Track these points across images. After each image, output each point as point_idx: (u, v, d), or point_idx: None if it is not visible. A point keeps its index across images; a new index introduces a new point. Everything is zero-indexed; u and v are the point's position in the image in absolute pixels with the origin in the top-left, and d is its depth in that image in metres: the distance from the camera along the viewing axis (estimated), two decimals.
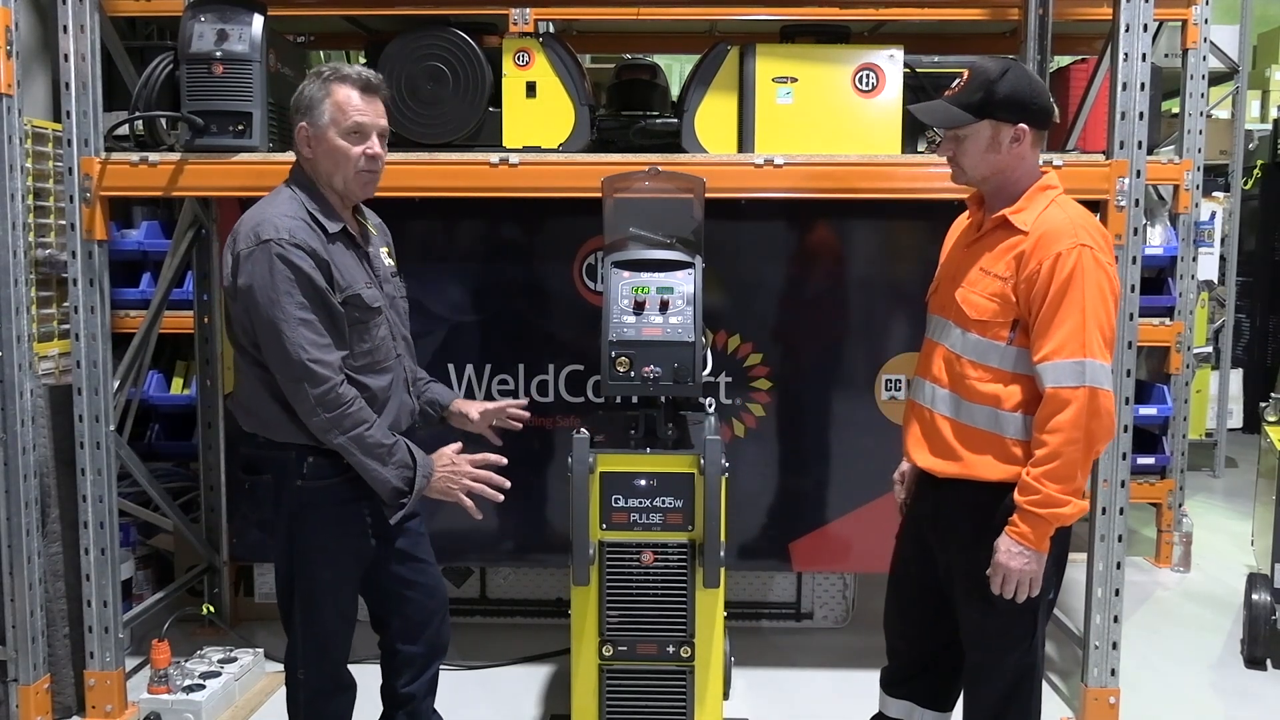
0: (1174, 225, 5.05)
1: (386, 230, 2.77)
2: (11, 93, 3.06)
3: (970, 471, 2.37)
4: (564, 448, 2.70)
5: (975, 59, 2.39)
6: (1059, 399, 2.23)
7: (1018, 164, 2.36)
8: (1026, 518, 2.26)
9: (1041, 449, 2.24)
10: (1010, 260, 2.31)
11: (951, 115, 2.34)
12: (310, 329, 2.35)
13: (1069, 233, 2.27)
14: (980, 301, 2.34)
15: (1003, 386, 2.33)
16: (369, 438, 2.41)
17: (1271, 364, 7.65)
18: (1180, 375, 5.03)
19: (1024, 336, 2.31)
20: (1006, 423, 2.33)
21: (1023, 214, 2.34)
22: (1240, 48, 6.41)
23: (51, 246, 3.95)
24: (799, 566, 3.94)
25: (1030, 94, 2.33)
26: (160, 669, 3.35)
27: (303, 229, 2.40)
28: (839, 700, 3.52)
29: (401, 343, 2.63)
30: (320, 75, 2.46)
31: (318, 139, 2.45)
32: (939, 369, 2.43)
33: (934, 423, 2.43)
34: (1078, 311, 2.23)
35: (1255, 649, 3.90)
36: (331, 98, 2.42)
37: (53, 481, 3.36)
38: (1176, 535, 5.04)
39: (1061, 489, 2.23)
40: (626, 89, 3.74)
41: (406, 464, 2.47)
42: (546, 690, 3.67)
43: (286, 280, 2.34)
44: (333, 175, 2.47)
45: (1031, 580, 2.30)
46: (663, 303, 2.81)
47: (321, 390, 2.35)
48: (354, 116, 2.42)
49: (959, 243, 2.54)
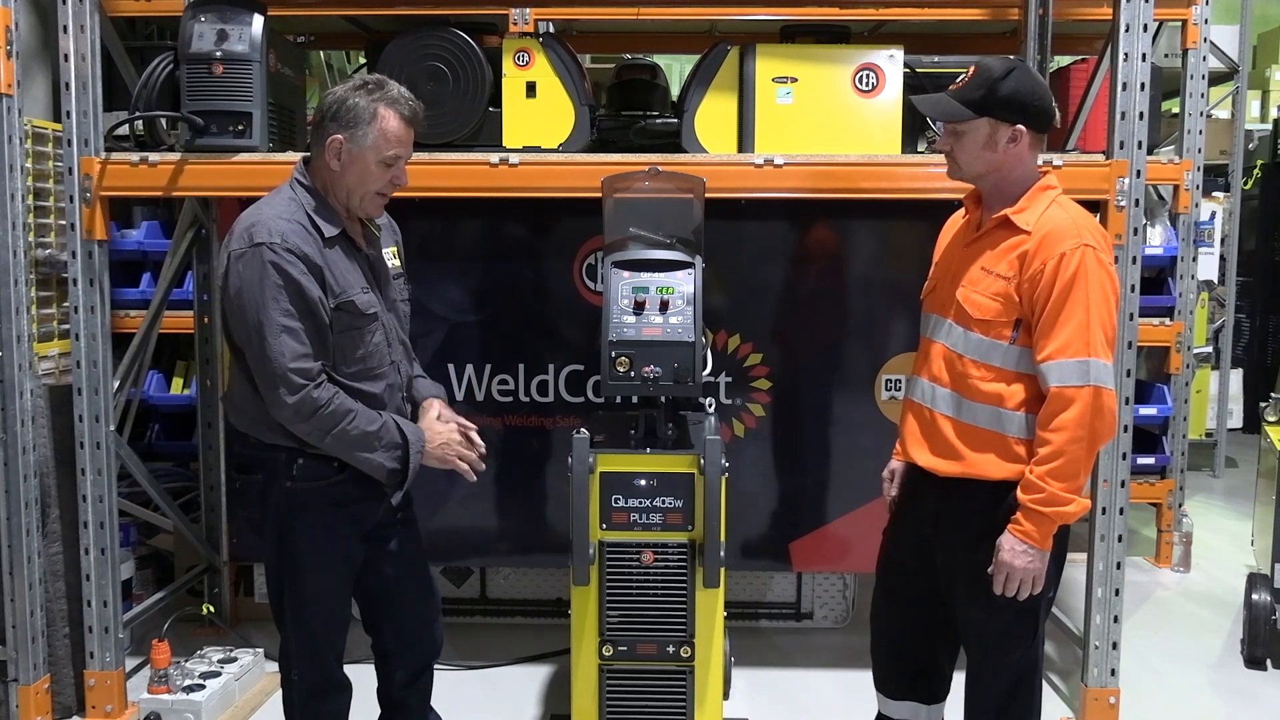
0: (1174, 225, 5.05)
1: (396, 229, 2.75)
2: (11, 93, 3.06)
3: (973, 470, 2.37)
4: (564, 448, 2.70)
5: (983, 58, 2.39)
6: (1063, 398, 2.24)
7: (1015, 164, 2.37)
8: (1030, 516, 2.27)
9: (1045, 447, 2.25)
10: (1013, 260, 2.32)
11: (952, 109, 2.36)
12: (293, 337, 2.33)
13: (1072, 233, 2.28)
14: (983, 301, 2.35)
15: (1005, 386, 2.34)
16: (352, 431, 2.39)
17: (1271, 364, 7.64)
18: (1180, 375, 5.03)
19: (1026, 336, 2.32)
20: (1009, 421, 2.34)
21: (1025, 214, 2.35)
22: (1240, 48, 6.41)
23: (51, 246, 3.95)
24: (799, 566, 3.94)
25: (1032, 96, 2.34)
26: (160, 669, 3.35)
27: (298, 233, 2.37)
28: (839, 700, 3.52)
29: (399, 347, 2.61)
30: (368, 91, 2.41)
31: (352, 157, 2.41)
32: (939, 368, 2.43)
33: (935, 422, 2.44)
34: (1082, 311, 2.24)
35: (1255, 649, 3.89)
36: (380, 124, 2.39)
37: (53, 481, 3.36)
38: (1176, 535, 5.04)
39: (1065, 487, 2.25)
40: (626, 89, 3.74)
41: (396, 443, 2.45)
42: (546, 690, 3.67)
43: (275, 286, 2.32)
44: (352, 192, 2.45)
45: (1035, 578, 2.31)
46: (663, 303, 2.81)
47: (298, 398, 2.33)
48: (397, 150, 2.43)
49: (956, 242, 2.54)
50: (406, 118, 2.43)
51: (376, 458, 2.43)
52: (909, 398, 2.57)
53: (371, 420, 2.43)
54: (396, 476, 2.47)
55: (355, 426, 2.40)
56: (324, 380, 2.38)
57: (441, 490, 3.65)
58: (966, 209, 2.55)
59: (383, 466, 2.44)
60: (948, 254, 2.56)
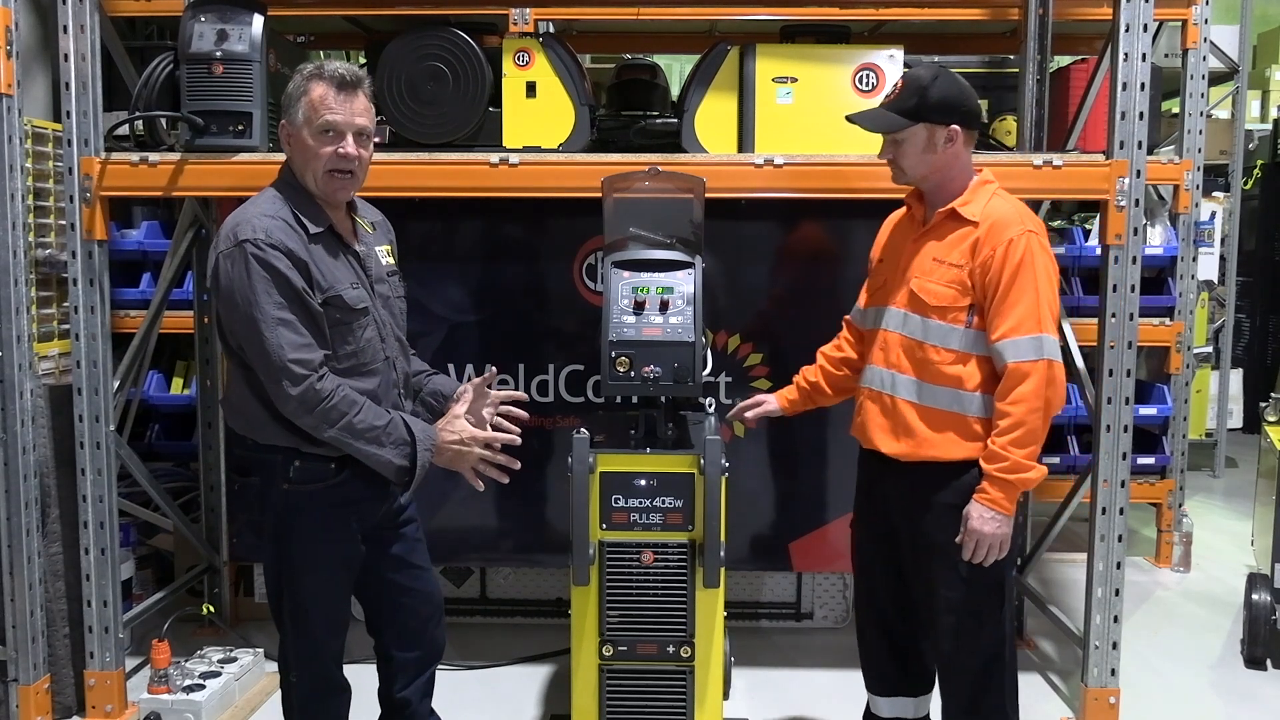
0: (1174, 225, 5.05)
1: (389, 227, 2.73)
2: (11, 93, 3.06)
3: (937, 452, 2.54)
4: (564, 448, 2.70)
5: (909, 70, 2.57)
6: (1020, 372, 2.42)
7: (954, 162, 2.55)
8: (996, 484, 2.45)
9: (1005, 419, 2.43)
10: (965, 249, 2.50)
11: (890, 121, 2.53)
12: (290, 329, 2.32)
13: (1017, 221, 2.49)
14: (939, 289, 2.52)
15: (964, 367, 2.51)
16: (359, 423, 2.36)
17: (1271, 364, 7.65)
18: (1180, 375, 5.03)
19: (980, 319, 2.49)
20: (969, 402, 2.51)
21: (970, 206, 2.53)
22: (1240, 48, 6.40)
23: (51, 246, 3.95)
24: (799, 566, 3.94)
25: (960, 98, 2.53)
26: (160, 669, 3.35)
27: (280, 229, 2.36)
28: (839, 700, 3.51)
29: (394, 344, 2.59)
30: (301, 72, 2.43)
31: (294, 136, 2.43)
32: (897, 356, 2.58)
33: (896, 407, 2.59)
34: (1031, 292, 2.44)
35: (1255, 649, 3.89)
36: (307, 96, 2.39)
37: (53, 481, 3.36)
38: (1176, 535, 5.03)
39: (1026, 454, 2.43)
40: (626, 89, 3.74)
41: (404, 440, 2.41)
42: (546, 690, 3.67)
43: (263, 280, 2.31)
44: (304, 174, 2.44)
45: (1001, 543, 2.48)
46: (663, 303, 2.81)
47: (302, 389, 2.31)
48: (325, 115, 2.38)
49: (899, 238, 2.70)
50: (335, 83, 2.39)
51: (385, 454, 2.39)
52: (866, 387, 2.69)
53: (379, 415, 2.40)
54: (405, 474, 2.43)
55: (362, 420, 2.37)
56: (327, 372, 2.36)
57: (442, 490, 3.65)
58: (909, 207, 2.70)
59: (390, 463, 2.40)
60: (892, 250, 2.71)
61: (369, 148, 2.48)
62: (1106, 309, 3.20)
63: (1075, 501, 3.72)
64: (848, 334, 2.94)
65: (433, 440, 2.46)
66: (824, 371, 2.94)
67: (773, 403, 2.98)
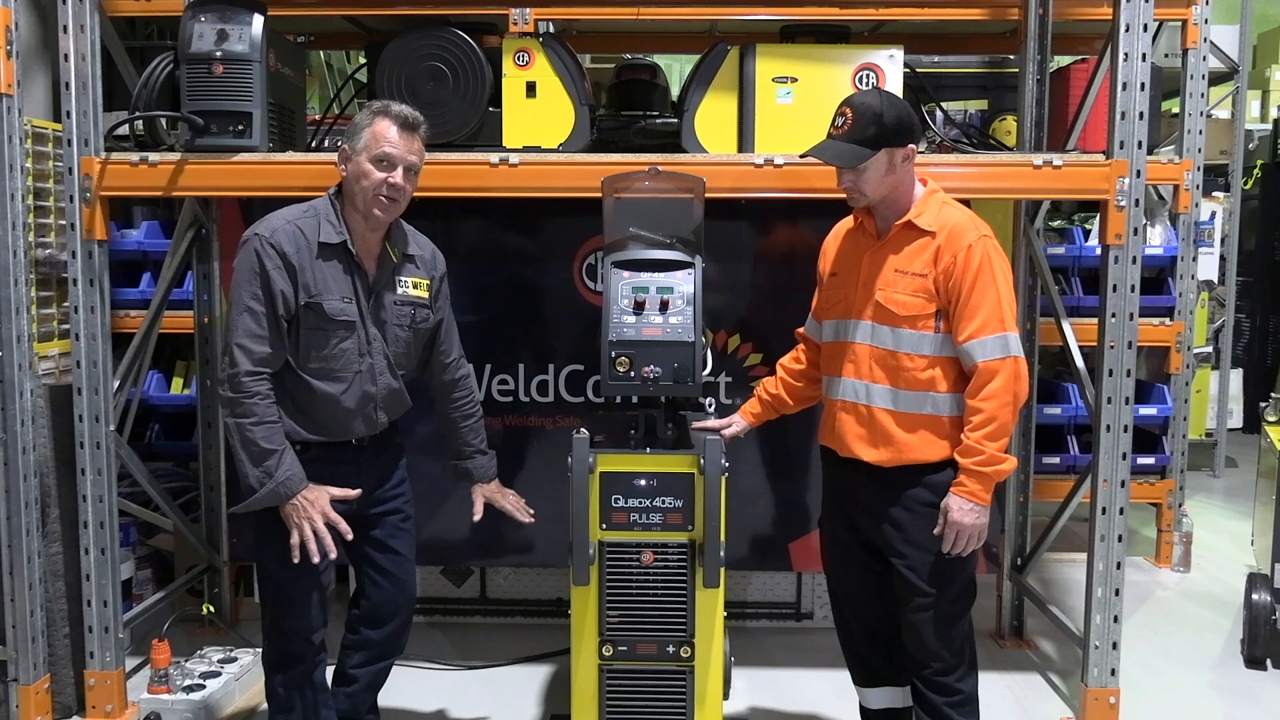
0: (1174, 225, 5.05)
1: (437, 264, 2.93)
2: (11, 93, 3.06)
3: (915, 456, 2.61)
4: (564, 448, 2.70)
5: (849, 96, 2.63)
6: (990, 370, 2.52)
7: (906, 177, 2.64)
8: (974, 476, 2.54)
9: (978, 415, 2.52)
10: (927, 258, 2.58)
11: (856, 153, 2.57)
12: (253, 319, 2.59)
13: (972, 227, 2.58)
14: (906, 299, 2.60)
15: (936, 371, 2.60)
16: (249, 433, 2.57)
17: (1271, 364, 7.65)
18: (1180, 375, 5.04)
19: (947, 324, 2.58)
20: (941, 403, 2.60)
21: (924, 216, 2.61)
22: (1240, 48, 6.41)
23: (51, 246, 3.95)
24: (799, 566, 3.95)
25: (909, 115, 2.61)
26: (160, 669, 3.35)
27: (288, 232, 2.62)
28: (839, 700, 3.51)
29: (381, 360, 2.75)
30: (370, 107, 2.72)
31: (351, 158, 2.67)
32: (868, 368, 2.65)
33: (873, 417, 2.65)
34: (993, 293, 2.54)
35: (1255, 649, 3.90)
36: (372, 128, 2.66)
37: (53, 481, 3.36)
38: (1176, 535, 5.04)
39: (1000, 447, 2.53)
40: (626, 89, 3.74)
41: (270, 473, 2.58)
42: (546, 690, 3.67)
43: (251, 272, 2.60)
44: (354, 194, 2.67)
45: (980, 533, 2.58)
46: (663, 303, 2.82)
47: (234, 371, 2.57)
48: (385, 147, 2.65)
49: (854, 251, 2.74)
50: (398, 121, 2.67)
51: (246, 468, 2.59)
52: (837, 399, 2.73)
53: (271, 439, 2.58)
54: (248, 493, 2.60)
55: (253, 433, 2.57)
56: (266, 374, 2.59)
57: (442, 490, 3.65)
58: (858, 220, 2.76)
59: (245, 478, 2.60)
60: (847, 263, 2.76)
61: (414, 183, 2.73)
62: (1106, 309, 3.20)
63: (1075, 501, 3.72)
64: (804, 346, 3.00)
65: (290, 491, 2.60)
66: (784, 384, 3.01)
67: (740, 422, 3.02)
